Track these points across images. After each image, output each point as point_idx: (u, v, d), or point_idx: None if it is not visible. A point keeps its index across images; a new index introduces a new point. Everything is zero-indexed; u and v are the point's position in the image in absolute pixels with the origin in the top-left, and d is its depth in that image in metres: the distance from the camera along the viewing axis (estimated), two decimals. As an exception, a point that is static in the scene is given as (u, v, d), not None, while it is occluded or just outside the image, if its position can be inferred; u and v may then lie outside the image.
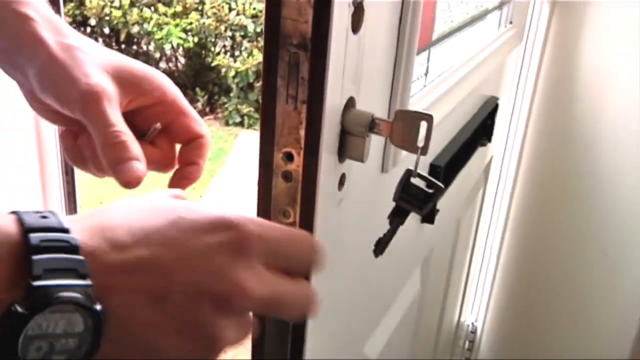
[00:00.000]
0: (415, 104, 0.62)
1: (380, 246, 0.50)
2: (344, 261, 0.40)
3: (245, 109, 4.82)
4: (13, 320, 0.31)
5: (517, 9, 1.11)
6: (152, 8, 4.80)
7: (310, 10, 0.38)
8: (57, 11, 1.08)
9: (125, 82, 0.48)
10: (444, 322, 1.28)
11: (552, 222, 1.41)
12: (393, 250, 0.72)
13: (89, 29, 4.93)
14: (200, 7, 4.79)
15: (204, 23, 4.74)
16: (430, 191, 0.45)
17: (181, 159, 0.51)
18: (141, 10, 4.72)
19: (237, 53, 4.89)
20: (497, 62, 1.03)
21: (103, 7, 4.71)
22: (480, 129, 1.01)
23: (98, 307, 0.32)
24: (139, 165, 0.44)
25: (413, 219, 0.80)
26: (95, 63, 0.47)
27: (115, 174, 0.44)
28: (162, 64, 5.14)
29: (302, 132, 0.41)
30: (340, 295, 0.40)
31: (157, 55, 4.95)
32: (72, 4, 4.80)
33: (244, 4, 4.73)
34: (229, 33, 4.80)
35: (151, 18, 4.72)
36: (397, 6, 0.51)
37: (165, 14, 4.77)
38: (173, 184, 0.50)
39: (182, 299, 0.33)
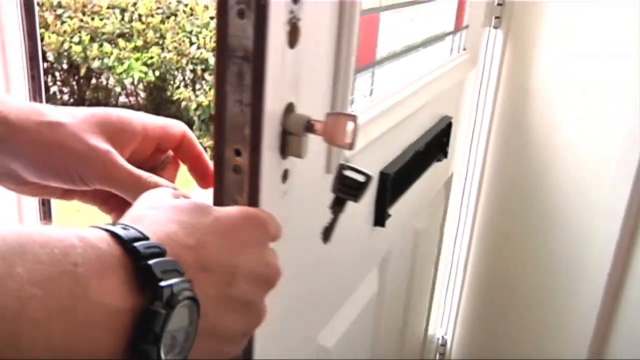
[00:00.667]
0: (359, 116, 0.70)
1: (326, 233, 0.58)
2: (290, 248, 0.47)
3: (207, 142, 4.85)
4: (156, 320, 0.32)
5: (470, 37, 1.22)
6: (113, 43, 4.82)
7: (251, 28, 0.46)
8: (34, 46, 1.09)
9: (113, 135, 0.51)
10: (407, 331, 1.33)
11: (514, 235, 1.50)
12: (346, 245, 0.79)
13: (47, 65, 4.90)
14: (160, 42, 4.84)
15: (165, 57, 4.79)
16: (362, 180, 0.53)
17: (183, 159, 0.57)
18: (101, 45, 4.74)
19: (198, 86, 4.95)
20: (449, 84, 1.13)
21: (62, 43, 4.70)
22: (435, 146, 1.10)
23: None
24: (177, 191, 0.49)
25: (366, 223, 0.88)
26: (85, 130, 0.49)
27: None
28: (123, 98, 5.15)
29: (247, 131, 0.49)
30: (288, 280, 0.47)
31: (118, 89, 4.96)
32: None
33: (204, 38, 4.81)
34: (190, 67, 4.86)
35: (111, 53, 4.74)
36: (334, 26, 0.59)
37: (125, 49, 4.79)
38: (201, 181, 0.56)
39: (243, 285, 0.39)
